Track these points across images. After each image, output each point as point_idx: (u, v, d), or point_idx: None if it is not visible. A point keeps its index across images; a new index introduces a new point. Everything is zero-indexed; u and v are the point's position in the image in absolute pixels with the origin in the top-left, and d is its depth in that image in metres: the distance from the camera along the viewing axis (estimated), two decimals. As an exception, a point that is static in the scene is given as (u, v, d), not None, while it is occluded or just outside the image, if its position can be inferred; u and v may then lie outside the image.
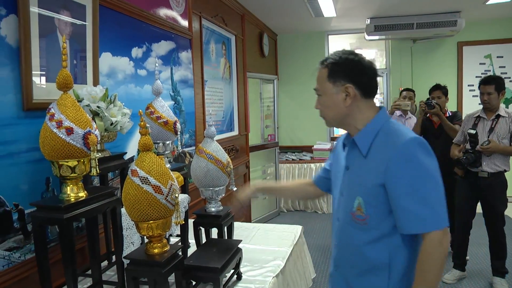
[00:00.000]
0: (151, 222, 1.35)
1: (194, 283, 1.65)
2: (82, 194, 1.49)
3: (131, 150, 2.36)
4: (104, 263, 1.92)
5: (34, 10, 1.67)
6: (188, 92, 3.28)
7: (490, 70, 6.05)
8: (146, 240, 1.44)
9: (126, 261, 1.45)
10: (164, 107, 1.85)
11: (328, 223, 5.33)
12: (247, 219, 4.94)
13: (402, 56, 6.39)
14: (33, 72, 1.66)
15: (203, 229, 1.98)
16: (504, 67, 6.02)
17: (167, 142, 1.88)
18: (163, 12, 2.85)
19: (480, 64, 6.09)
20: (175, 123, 1.86)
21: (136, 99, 2.46)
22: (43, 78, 1.74)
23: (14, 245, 1.60)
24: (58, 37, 1.81)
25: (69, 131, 1.37)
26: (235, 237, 2.08)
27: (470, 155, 3.32)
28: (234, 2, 4.50)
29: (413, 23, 5.48)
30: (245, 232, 2.47)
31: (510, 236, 4.00)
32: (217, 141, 1.91)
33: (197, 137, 3.41)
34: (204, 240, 1.96)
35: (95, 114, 1.68)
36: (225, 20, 4.24)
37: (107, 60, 2.22)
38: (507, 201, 3.43)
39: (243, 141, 4.89)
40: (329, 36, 6.73)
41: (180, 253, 1.53)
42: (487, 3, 4.93)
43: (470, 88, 6.13)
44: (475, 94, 5.72)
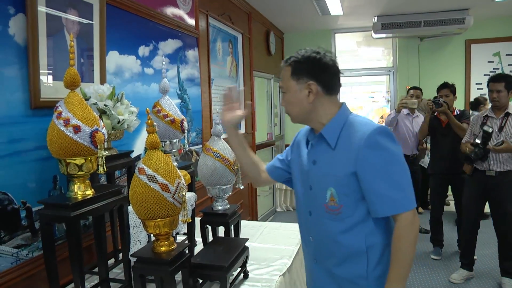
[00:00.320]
0: (158, 220, 1.35)
1: (200, 281, 1.65)
2: (89, 192, 1.49)
3: (138, 148, 2.37)
4: (111, 261, 1.93)
5: (42, 9, 1.67)
6: (195, 91, 3.28)
7: (498, 68, 5.99)
8: (153, 238, 1.44)
9: (133, 259, 1.46)
10: (171, 106, 1.84)
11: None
12: (254, 217, 4.94)
13: (409, 54, 6.35)
14: (40, 71, 1.66)
15: (210, 227, 1.98)
16: (514, 65, 5.97)
17: (174, 141, 1.88)
18: (170, 11, 2.85)
19: (489, 62, 6.03)
20: (182, 122, 1.85)
21: (143, 97, 2.46)
22: (51, 77, 1.75)
23: (22, 243, 1.61)
24: (66, 35, 1.82)
25: (77, 129, 1.37)
26: (242, 235, 2.07)
27: (479, 150, 3.27)
28: (241, 0, 4.49)
29: (420, 21, 5.44)
30: (251, 231, 2.47)
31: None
32: (223, 139, 1.91)
33: (204, 135, 3.41)
34: (211, 239, 1.96)
35: (102, 113, 1.69)
36: (231, 19, 4.24)
37: (114, 58, 2.22)
38: None
39: (249, 139, 4.88)
40: (336, 34, 6.70)
41: (187, 251, 1.53)
42: (495, 0, 4.88)
43: (478, 86, 6.07)
44: (483, 93, 5.68)
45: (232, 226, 1.96)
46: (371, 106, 7.20)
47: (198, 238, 2.02)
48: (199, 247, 1.98)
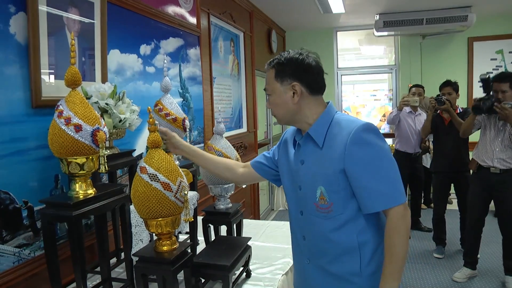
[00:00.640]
0: (160, 219, 1.34)
1: (203, 280, 1.64)
2: (91, 191, 1.49)
3: (140, 147, 2.36)
4: (113, 260, 1.92)
5: (43, 8, 1.67)
6: (196, 89, 3.27)
7: (501, 66, 5.96)
8: (155, 238, 1.43)
9: (135, 259, 1.45)
10: (172, 104, 1.84)
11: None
12: (256, 216, 4.93)
13: (412, 52, 6.32)
14: (41, 70, 1.66)
15: (212, 227, 1.97)
16: (517, 62, 5.94)
17: (176, 139, 1.87)
18: (171, 9, 2.85)
19: (492, 59, 5.99)
20: (183, 120, 1.85)
21: (145, 96, 2.46)
22: (52, 75, 1.74)
23: (23, 242, 1.61)
24: (67, 34, 1.81)
25: (78, 128, 1.37)
26: (244, 234, 2.07)
27: (487, 101, 3.20)
28: (242, -2, 4.49)
29: (422, 19, 5.41)
30: (254, 229, 2.46)
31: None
32: (225, 138, 1.90)
33: (206, 134, 3.40)
34: (213, 238, 1.95)
35: (104, 111, 1.68)
36: (233, 17, 4.23)
37: (115, 57, 2.21)
38: None
39: (251, 138, 4.87)
40: (338, 32, 6.68)
41: (189, 250, 1.53)
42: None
43: (481, 84, 6.03)
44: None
45: (235, 225, 1.95)
46: (373, 104, 7.18)
47: (200, 237, 2.01)
48: (201, 246, 1.98)
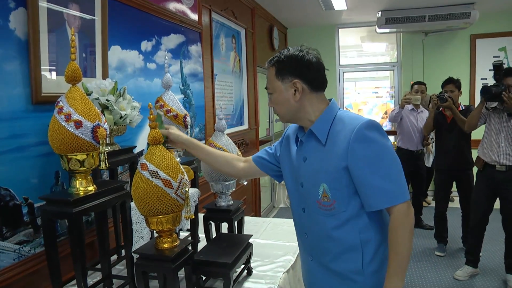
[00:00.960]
0: (160, 216, 1.33)
1: (204, 278, 1.63)
2: (91, 188, 1.48)
3: (141, 143, 2.35)
4: (114, 257, 1.91)
5: (43, 4, 1.66)
6: (198, 86, 3.26)
7: (504, 64, 5.93)
8: (155, 235, 1.42)
9: (135, 256, 1.44)
10: (174, 101, 1.83)
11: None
12: (257, 213, 4.93)
13: (414, 49, 6.30)
14: (42, 65, 1.65)
15: (213, 224, 1.96)
16: (519, 60, 5.91)
17: (177, 136, 1.86)
18: (173, 5, 2.83)
19: (494, 57, 5.94)
20: (185, 117, 1.84)
21: (146, 92, 2.45)
22: (52, 71, 1.73)
23: (24, 239, 1.60)
24: (67, 30, 1.80)
25: (78, 124, 1.36)
26: (246, 231, 2.06)
27: (497, 88, 3.16)
28: (244, -5, 4.47)
29: (425, 16, 5.39)
30: (255, 227, 2.46)
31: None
32: (227, 135, 1.89)
33: (207, 131, 3.39)
34: (214, 235, 1.95)
35: (104, 108, 1.67)
36: (235, 14, 4.21)
37: (116, 53, 2.20)
38: None
39: (253, 135, 4.86)
40: (340, 29, 6.65)
41: (190, 248, 1.52)
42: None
43: (484, 81, 6.01)
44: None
45: (236, 222, 1.94)
46: (375, 102, 7.17)
47: (201, 235, 2.00)
48: (202, 243, 1.97)
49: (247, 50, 4.65)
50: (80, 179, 1.47)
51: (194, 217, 1.73)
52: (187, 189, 1.36)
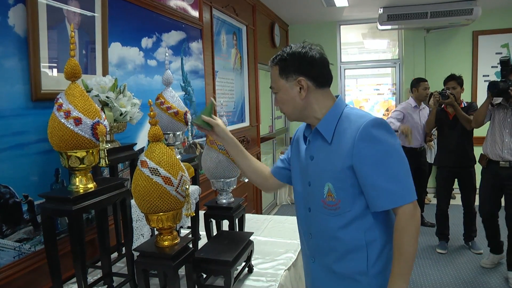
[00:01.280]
0: (161, 214, 1.32)
1: (204, 276, 1.63)
2: (91, 186, 1.47)
3: (141, 141, 2.34)
4: (114, 255, 1.91)
5: (43, 0, 1.65)
6: (198, 83, 3.24)
7: (509, 58, 5.89)
8: (156, 232, 1.42)
9: (136, 253, 1.44)
10: (174, 98, 1.81)
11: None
12: (258, 211, 4.92)
13: (415, 46, 6.27)
14: (41, 62, 1.64)
15: (214, 221, 1.95)
16: (522, 56, 5.88)
17: (178, 133, 1.85)
18: (173, 2, 2.82)
19: (496, 53, 5.91)
20: (185, 114, 1.83)
21: (146, 89, 2.44)
22: (52, 68, 1.72)
23: (24, 237, 1.59)
24: (67, 27, 1.79)
25: (78, 121, 1.35)
26: (247, 229, 2.05)
27: (504, 83, 3.21)
28: (245, -9, 4.45)
29: (427, 12, 5.36)
30: (256, 224, 2.45)
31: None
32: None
33: (208, 128, 3.37)
34: (215, 232, 1.94)
35: (104, 105, 1.66)
36: (236, 10, 4.19)
37: (116, 50, 2.19)
38: None
39: (254, 132, 4.85)
40: (341, 26, 6.64)
41: (191, 245, 1.51)
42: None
43: (486, 78, 5.99)
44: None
45: (237, 220, 1.93)
46: (376, 99, 7.15)
47: (202, 232, 1.99)
48: (203, 241, 1.96)
49: (248, 47, 4.64)
50: (80, 177, 1.46)
51: (194, 214, 1.73)
52: (187, 187, 1.35)
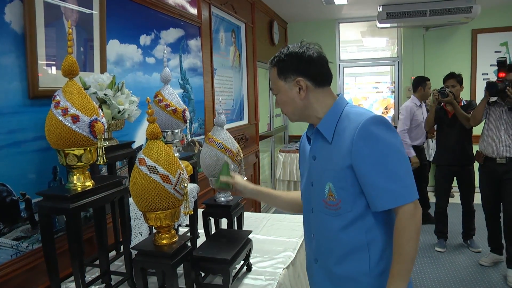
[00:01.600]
0: (159, 212, 1.32)
1: (203, 274, 1.62)
2: (89, 184, 1.47)
3: (140, 138, 2.33)
4: (113, 253, 1.90)
5: (39, -4, 1.63)
6: (197, 81, 3.23)
7: (506, 58, 5.90)
8: (154, 231, 1.41)
9: (134, 252, 1.43)
10: (173, 95, 1.81)
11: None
12: (257, 209, 4.91)
13: (414, 44, 6.27)
14: (39, 59, 1.62)
15: (212, 220, 1.95)
16: (521, 55, 5.87)
17: (176, 131, 1.85)
18: (172, -1, 2.80)
19: (496, 52, 5.91)
20: (184, 111, 1.82)
21: (145, 87, 2.43)
22: (50, 66, 1.71)
23: (21, 235, 1.59)
24: (65, 24, 1.78)
25: (75, 118, 1.34)
26: (245, 227, 2.04)
27: (501, 83, 3.26)
28: (244, -11, 4.43)
29: (426, 10, 5.35)
30: (255, 223, 2.44)
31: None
32: (226, 130, 1.87)
33: (207, 126, 3.37)
34: (213, 231, 1.93)
35: (102, 102, 1.65)
36: (234, 8, 4.18)
37: (114, 47, 2.18)
38: None
39: (252, 130, 4.84)
40: (340, 24, 6.62)
41: (189, 244, 1.51)
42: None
43: (484, 77, 5.98)
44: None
45: (235, 218, 1.93)
46: (375, 97, 7.14)
47: (201, 230, 1.99)
48: (201, 239, 1.96)
49: (247, 45, 4.62)
50: (77, 175, 1.45)
51: (193, 212, 1.72)
52: (185, 185, 1.34)
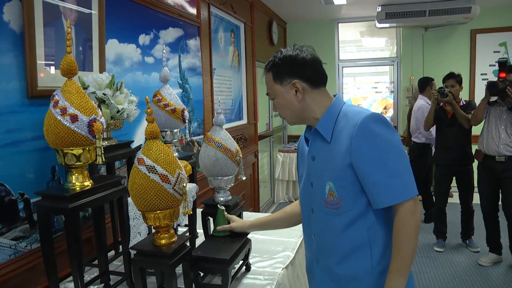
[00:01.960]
0: (158, 212, 1.31)
1: (202, 274, 1.62)
2: (88, 183, 1.46)
3: (139, 138, 2.33)
4: (111, 253, 1.90)
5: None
6: (196, 80, 3.23)
7: (506, 59, 5.90)
8: (153, 231, 1.41)
9: (133, 252, 1.42)
10: (171, 95, 1.80)
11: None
12: (256, 208, 4.92)
13: (414, 44, 6.27)
14: (37, 59, 1.62)
15: (211, 219, 1.94)
16: (520, 55, 5.88)
17: (175, 130, 1.84)
18: (171, -1, 2.80)
19: (494, 52, 5.92)
20: (183, 111, 1.81)
21: (144, 86, 2.42)
22: (48, 65, 1.70)
23: (20, 235, 1.58)
24: (63, 23, 1.77)
25: (74, 118, 1.34)
26: (244, 227, 2.04)
27: (502, 83, 3.30)
28: (243, -11, 4.43)
29: (425, 10, 5.35)
30: (254, 222, 2.44)
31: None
32: (225, 129, 1.87)
33: (206, 125, 3.37)
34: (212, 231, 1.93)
35: (101, 102, 1.65)
36: (234, 8, 4.18)
37: (113, 47, 2.17)
38: None
39: (251, 130, 4.84)
40: (339, 24, 6.62)
41: (188, 244, 1.50)
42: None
43: (483, 77, 5.99)
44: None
45: (234, 218, 1.92)
46: (374, 97, 7.15)
47: (200, 230, 1.99)
48: (200, 239, 1.95)
49: (246, 45, 4.62)
50: (76, 174, 1.45)
51: (192, 212, 1.72)
52: (184, 184, 1.33)
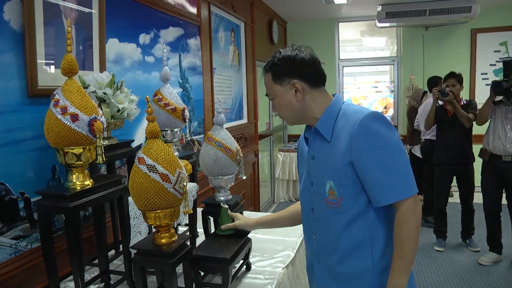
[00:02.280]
0: (158, 211, 1.31)
1: (202, 273, 1.62)
2: (88, 183, 1.46)
3: (139, 137, 2.33)
4: (112, 252, 1.90)
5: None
6: (196, 80, 3.23)
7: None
8: (153, 230, 1.41)
9: (133, 251, 1.42)
10: (172, 94, 1.80)
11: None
12: (256, 208, 4.92)
13: (414, 43, 6.27)
14: (38, 58, 1.62)
15: (212, 219, 1.94)
16: (521, 54, 5.88)
17: (175, 130, 1.84)
18: (171, -2, 2.80)
19: (495, 51, 5.92)
20: (183, 110, 1.81)
21: (144, 86, 2.42)
22: (49, 64, 1.70)
23: (20, 234, 1.58)
24: (64, 23, 1.77)
25: (74, 117, 1.34)
26: (244, 226, 2.04)
27: (507, 83, 3.33)
28: (243, -12, 4.42)
29: (426, 10, 5.35)
30: (254, 222, 2.44)
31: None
32: (226, 129, 1.87)
33: (206, 125, 3.37)
34: (212, 230, 1.93)
35: (102, 101, 1.65)
36: (234, 7, 4.17)
37: (114, 46, 2.17)
38: None
39: (252, 129, 4.84)
40: (340, 23, 6.62)
41: (188, 243, 1.50)
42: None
43: (484, 76, 5.99)
44: (489, 83, 5.58)
45: (235, 217, 1.92)
46: (374, 96, 7.15)
47: (200, 229, 1.99)
48: (200, 238, 1.95)
49: (247, 44, 4.62)
50: (77, 173, 1.45)
51: (192, 212, 1.71)
52: (185, 184, 1.34)
